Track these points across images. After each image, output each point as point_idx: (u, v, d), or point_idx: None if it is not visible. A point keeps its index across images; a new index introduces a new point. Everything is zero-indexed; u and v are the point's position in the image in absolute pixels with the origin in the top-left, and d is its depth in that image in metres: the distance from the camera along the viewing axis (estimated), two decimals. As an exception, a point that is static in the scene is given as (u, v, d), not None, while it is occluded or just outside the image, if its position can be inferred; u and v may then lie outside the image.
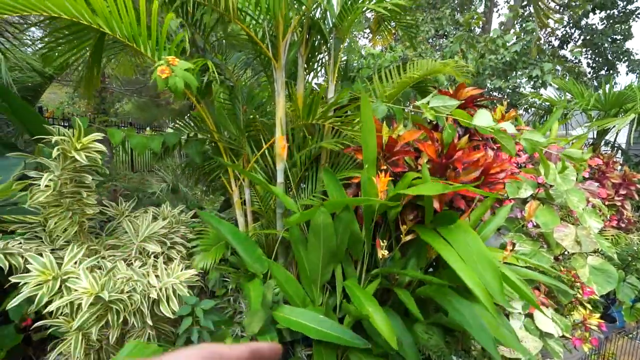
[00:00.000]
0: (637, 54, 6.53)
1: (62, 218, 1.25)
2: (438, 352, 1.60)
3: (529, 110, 5.66)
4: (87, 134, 1.25)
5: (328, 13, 1.85)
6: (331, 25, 1.87)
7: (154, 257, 1.67)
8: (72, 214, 1.26)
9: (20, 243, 1.44)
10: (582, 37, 7.07)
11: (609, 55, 6.68)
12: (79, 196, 1.25)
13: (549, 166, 1.34)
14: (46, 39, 1.53)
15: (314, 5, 1.75)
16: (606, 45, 6.58)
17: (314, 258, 1.44)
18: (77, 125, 1.17)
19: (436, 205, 1.46)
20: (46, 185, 1.12)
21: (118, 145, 1.71)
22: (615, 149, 3.93)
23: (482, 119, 1.45)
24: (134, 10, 1.16)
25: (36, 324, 1.29)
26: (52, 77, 2.87)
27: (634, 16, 6.52)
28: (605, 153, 3.30)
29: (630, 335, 2.35)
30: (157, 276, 1.48)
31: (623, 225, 2.94)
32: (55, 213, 1.24)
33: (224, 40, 2.18)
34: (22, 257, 1.34)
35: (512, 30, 4.80)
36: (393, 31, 2.57)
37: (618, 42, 6.58)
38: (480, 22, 5.01)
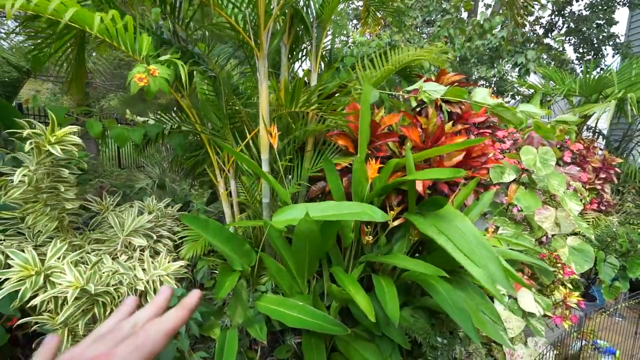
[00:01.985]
0: (622, 36, 6.63)
1: (41, 214, 1.23)
2: (424, 334, 1.64)
3: (516, 97, 5.75)
4: (66, 127, 1.22)
5: (311, 2, 1.84)
6: (314, 14, 1.86)
7: (140, 250, 1.66)
8: (50, 209, 1.24)
9: (1, 240, 1.41)
10: (566, 25, 7.15)
11: (594, 41, 6.77)
12: (57, 191, 1.23)
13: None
14: (31, 37, 1.49)
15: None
16: (591, 31, 6.66)
17: (300, 258, 1.44)
18: (50, 117, 1.14)
19: (419, 188, 1.48)
20: (20, 181, 1.10)
21: (104, 141, 1.68)
22: (597, 134, 4.03)
23: (480, 95, 1.47)
24: (108, 3, 1.13)
25: (20, 321, 1.28)
26: (29, 72, 2.79)
27: (615, 3, 6.60)
28: (587, 138, 3.38)
29: (608, 312, 2.45)
30: (143, 269, 1.48)
31: (603, 208, 3.03)
32: (32, 209, 1.22)
33: (205, 32, 2.14)
34: (3, 253, 1.32)
35: (500, 11, 4.81)
36: (381, 18, 2.56)
37: (602, 27, 6.67)
38: (469, 8, 5.02)
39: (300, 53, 2.03)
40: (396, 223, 1.42)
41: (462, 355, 1.79)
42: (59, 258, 1.26)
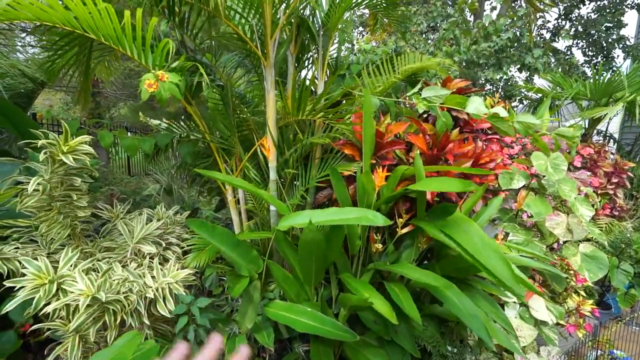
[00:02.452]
0: (631, 38, 6.54)
1: (54, 222, 1.25)
2: (433, 342, 1.62)
3: (524, 102, 5.69)
4: (78, 137, 1.25)
5: (317, 11, 1.87)
6: (320, 22, 1.88)
7: (150, 258, 1.68)
8: (63, 217, 1.27)
9: (17, 248, 1.45)
10: (573, 29, 7.09)
11: (603, 44, 6.69)
12: (70, 199, 1.26)
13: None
14: (43, 48, 1.54)
15: (302, 5, 1.76)
16: (600, 34, 6.59)
17: (306, 265, 1.45)
18: (64, 127, 1.18)
19: (428, 196, 1.48)
20: (35, 190, 1.13)
21: (113, 150, 1.72)
22: (607, 138, 3.96)
23: (475, 105, 1.46)
24: (117, 13, 1.17)
25: (33, 327, 1.30)
26: (43, 83, 2.88)
27: (623, 6, 6.53)
28: (597, 142, 3.33)
29: (624, 321, 2.38)
30: (152, 277, 1.49)
31: (616, 213, 2.97)
32: (46, 217, 1.24)
33: (212, 42, 2.19)
34: (19, 261, 1.35)
35: (506, 13, 4.80)
36: (388, 25, 2.58)
37: (611, 30, 6.59)
38: (473, 8, 5.02)
39: (307, 61, 2.06)
40: (404, 231, 1.41)
41: (473, 364, 1.76)
42: (71, 266, 1.28)
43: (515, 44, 4.66)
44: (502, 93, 5.69)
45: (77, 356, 1.30)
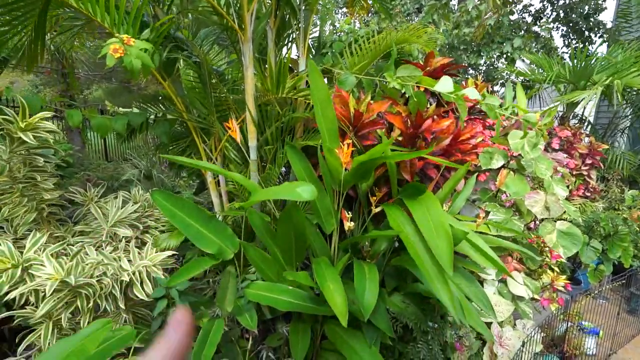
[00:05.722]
0: (609, 22, 6.66)
1: (17, 204, 1.18)
2: (415, 319, 1.66)
3: (505, 86, 5.76)
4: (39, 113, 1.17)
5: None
6: (301, -4, 1.81)
7: (126, 241, 1.62)
8: (28, 199, 1.19)
9: (-21, 234, 1.36)
10: (554, 13, 7.14)
11: (583, 29, 6.78)
12: (34, 181, 1.18)
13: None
14: None
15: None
16: (580, 19, 6.67)
17: (285, 247, 1.41)
18: (20, 103, 1.09)
19: (407, 176, 1.48)
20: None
21: (89, 134, 1.61)
22: (583, 121, 4.07)
23: (444, 85, 1.45)
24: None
25: (2, 315, 1.24)
26: (6, 60, 2.67)
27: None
28: (574, 125, 3.42)
29: (593, 295, 2.52)
30: (129, 260, 1.44)
31: (589, 194, 3.09)
32: (8, 199, 1.17)
33: (191, 17, 2.07)
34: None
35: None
36: (370, 5, 2.51)
37: (590, 15, 6.67)
38: None
39: (288, 38, 1.98)
40: (378, 210, 1.41)
41: (452, 338, 1.82)
42: (39, 250, 1.22)
43: (498, 32, 4.67)
44: (484, 77, 5.74)
45: (53, 343, 1.26)
